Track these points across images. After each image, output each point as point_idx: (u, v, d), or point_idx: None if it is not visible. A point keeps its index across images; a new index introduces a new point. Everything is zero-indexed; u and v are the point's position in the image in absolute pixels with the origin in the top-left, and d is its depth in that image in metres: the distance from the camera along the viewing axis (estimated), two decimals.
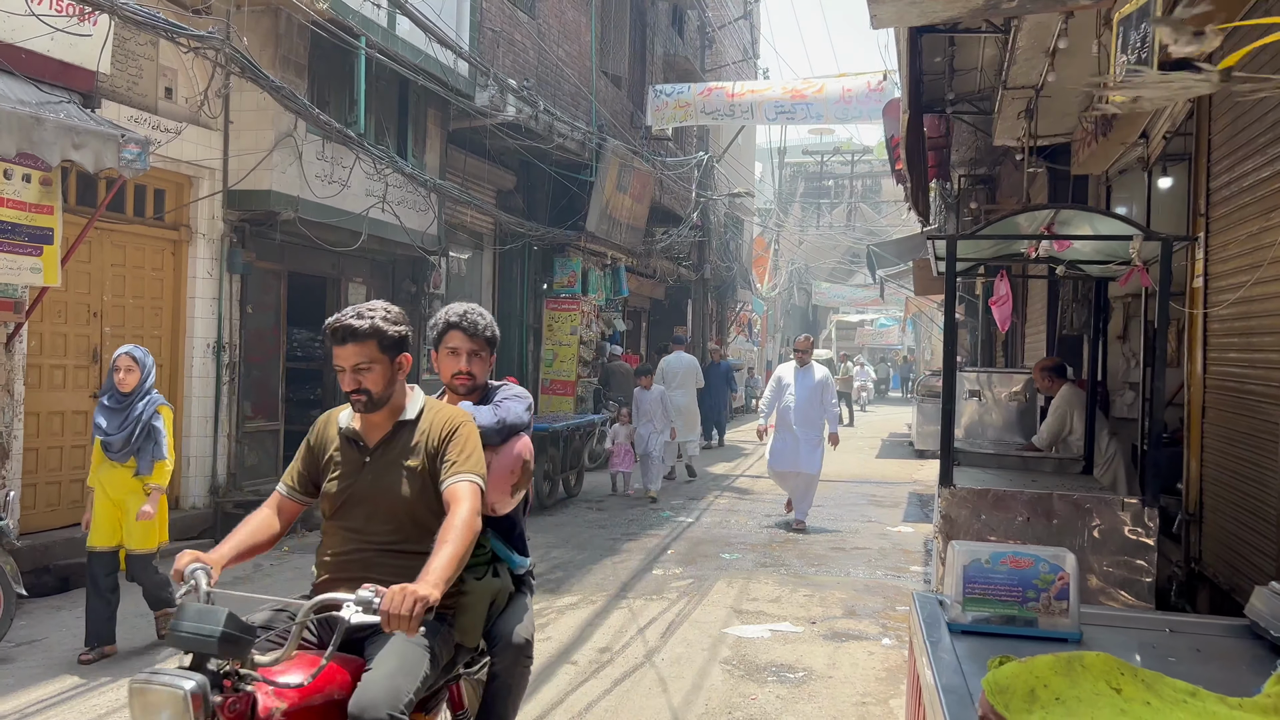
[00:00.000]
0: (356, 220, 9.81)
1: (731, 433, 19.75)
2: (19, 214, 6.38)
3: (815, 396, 9.91)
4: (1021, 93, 7.33)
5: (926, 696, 2.00)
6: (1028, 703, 1.66)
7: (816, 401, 9.91)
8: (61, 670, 5.26)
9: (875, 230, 33.99)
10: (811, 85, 16.72)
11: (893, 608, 6.93)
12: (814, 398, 9.90)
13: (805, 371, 10.09)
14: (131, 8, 6.54)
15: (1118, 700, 1.68)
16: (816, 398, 9.91)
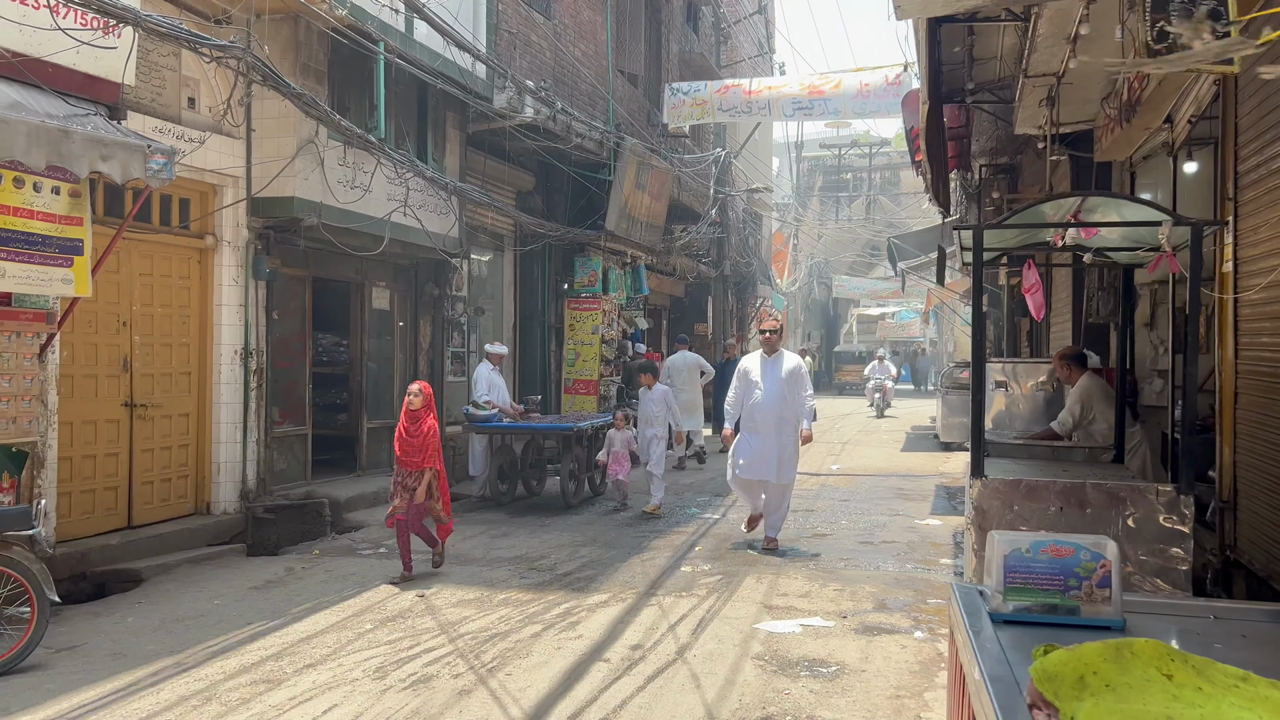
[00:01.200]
0: (379, 224, 9.87)
1: None
2: (49, 226, 6.46)
3: (788, 390, 8.51)
4: (1042, 80, 7.28)
5: (972, 686, 2.00)
6: (1077, 690, 1.66)
7: (790, 396, 8.52)
8: (100, 676, 5.32)
9: (895, 222, 33.84)
10: (829, 80, 16.66)
11: (924, 601, 6.90)
12: (787, 392, 8.51)
13: (774, 362, 8.65)
14: (154, 19, 6.61)
15: (1169, 686, 1.67)
16: (790, 391, 8.52)
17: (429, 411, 7.54)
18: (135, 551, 7.80)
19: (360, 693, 5.06)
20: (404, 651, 5.73)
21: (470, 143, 12.26)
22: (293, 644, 5.89)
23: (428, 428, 7.48)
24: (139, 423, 8.25)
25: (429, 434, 7.48)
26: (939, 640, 5.94)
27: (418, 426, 7.47)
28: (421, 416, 7.49)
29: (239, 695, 5.03)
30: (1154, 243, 5.06)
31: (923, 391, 37.57)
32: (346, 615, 6.53)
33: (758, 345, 8.99)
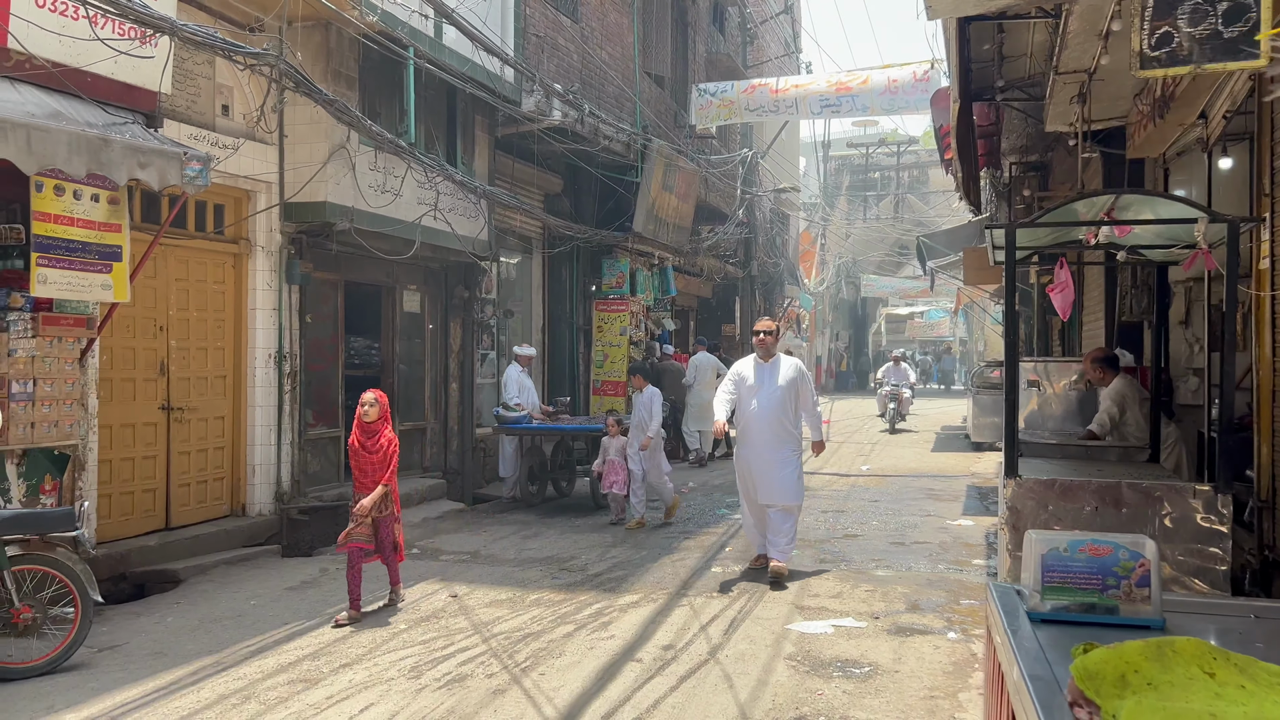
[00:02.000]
0: (410, 228, 9.96)
1: None
2: (89, 233, 6.57)
3: (787, 400, 7.54)
4: (1073, 77, 7.23)
5: (1011, 685, 2.01)
6: (1119, 688, 1.66)
7: (790, 407, 7.56)
8: (142, 675, 5.41)
9: (923, 221, 33.63)
10: (856, 77, 16.61)
11: (956, 601, 6.87)
12: (786, 401, 7.53)
13: (771, 368, 7.62)
14: (190, 28, 6.71)
15: (1211, 684, 1.67)
16: (789, 401, 7.55)
17: (385, 423, 6.74)
18: (173, 552, 7.92)
19: (396, 692, 5.11)
20: (438, 651, 5.79)
21: (499, 146, 12.34)
22: (328, 644, 5.96)
23: (386, 442, 6.63)
24: (176, 425, 8.38)
25: (389, 449, 6.63)
26: (973, 641, 5.91)
27: (375, 441, 6.62)
28: (378, 429, 6.66)
29: (277, 694, 5.10)
30: (1189, 240, 5.02)
31: (947, 391, 37.31)
32: (381, 615, 6.60)
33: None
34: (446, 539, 9.28)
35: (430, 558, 8.46)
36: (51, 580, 5.51)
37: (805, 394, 7.67)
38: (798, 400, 7.60)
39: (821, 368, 35.93)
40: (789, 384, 7.54)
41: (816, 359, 34.62)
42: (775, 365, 7.64)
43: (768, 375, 7.59)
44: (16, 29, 5.99)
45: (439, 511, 10.43)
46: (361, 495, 6.61)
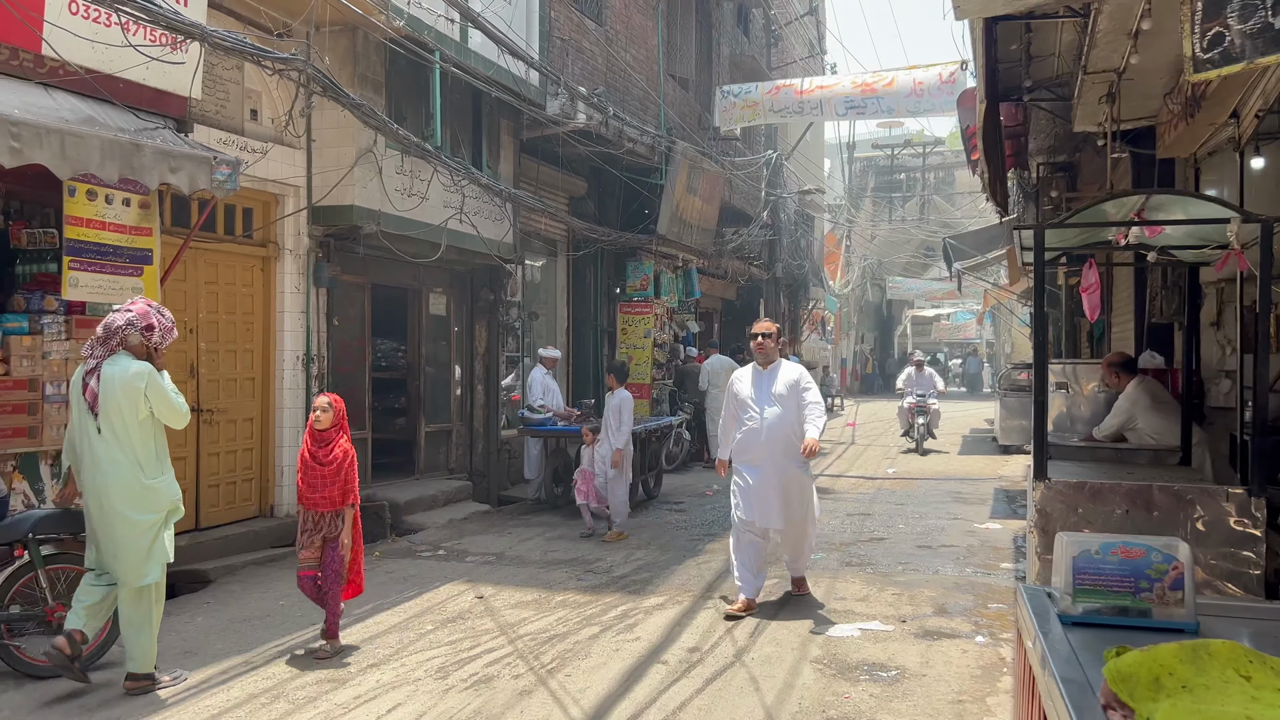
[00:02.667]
0: (435, 231, 10.01)
1: None
2: (121, 237, 6.66)
3: (791, 408, 6.68)
4: (1102, 77, 7.16)
5: (1043, 688, 1.99)
6: (1153, 691, 1.65)
7: (794, 416, 6.68)
8: (199, 663, 5.46)
9: (950, 222, 33.43)
10: (882, 79, 16.54)
11: (984, 605, 6.82)
12: (789, 411, 6.67)
13: (770, 375, 6.80)
14: (220, 34, 6.78)
15: (1248, 688, 1.65)
16: (793, 410, 6.68)
17: (341, 432, 5.84)
18: (203, 553, 8.00)
19: (423, 692, 5.14)
20: (465, 652, 5.81)
21: (524, 149, 12.38)
22: (356, 644, 6.00)
23: (340, 453, 5.76)
24: (205, 427, 8.46)
25: (344, 462, 5.76)
26: (1001, 645, 5.87)
27: (327, 451, 5.74)
28: (331, 438, 5.78)
29: (305, 694, 5.14)
30: (1221, 240, 4.96)
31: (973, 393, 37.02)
32: (408, 616, 6.64)
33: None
34: (472, 540, 9.32)
35: (456, 559, 8.50)
36: None
37: (809, 393, 6.75)
38: (802, 405, 6.67)
39: (846, 370, 35.79)
40: (791, 390, 6.67)
41: (842, 361, 34.49)
42: (775, 372, 6.79)
43: (766, 384, 6.74)
44: (51, 36, 6.08)
45: (465, 513, 10.47)
46: (312, 514, 5.74)
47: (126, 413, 5.05)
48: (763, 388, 6.77)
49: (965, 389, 39.57)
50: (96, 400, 5.06)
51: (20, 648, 5.36)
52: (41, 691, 5.17)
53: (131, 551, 5.07)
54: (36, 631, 5.41)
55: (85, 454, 5.09)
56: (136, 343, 5.18)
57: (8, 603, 5.31)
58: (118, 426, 5.05)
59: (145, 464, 5.12)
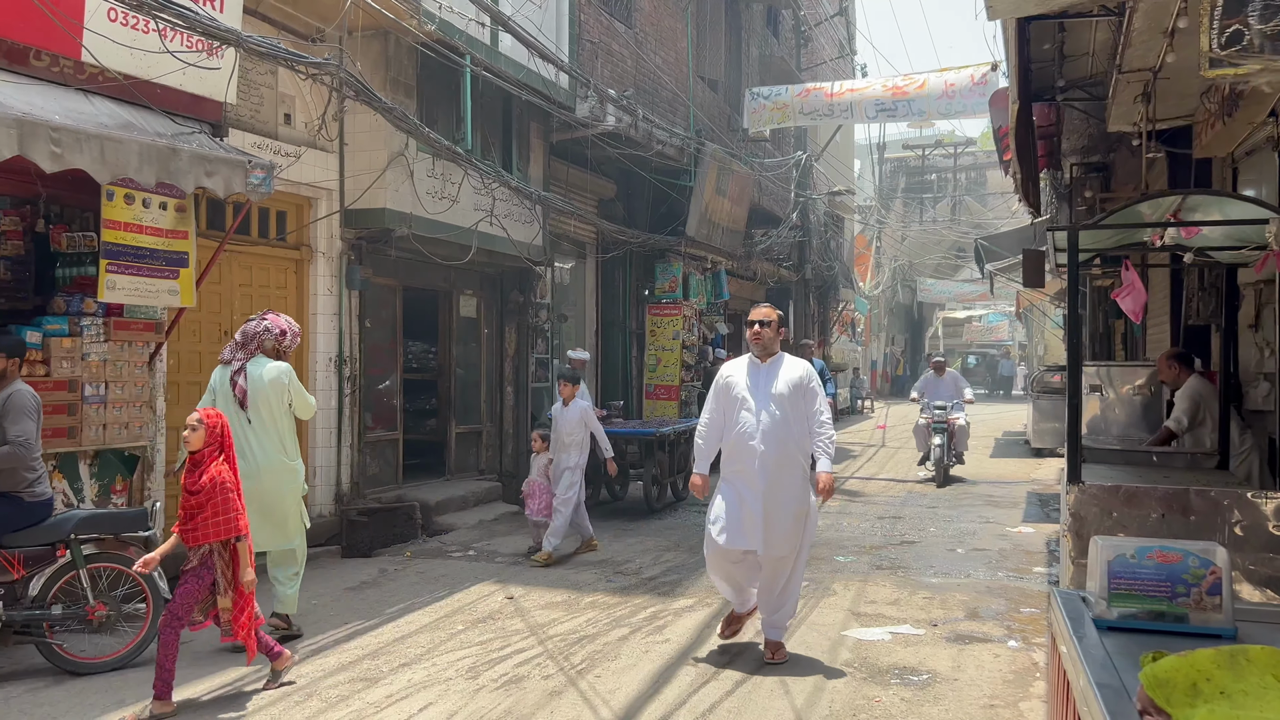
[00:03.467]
0: (466, 234, 10.07)
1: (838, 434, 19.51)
2: (157, 240, 6.76)
3: (791, 411, 5.58)
4: (1137, 76, 7.08)
5: (1078, 693, 1.97)
6: (1190, 696, 1.63)
7: (795, 420, 5.59)
8: (207, 671, 5.54)
9: (982, 223, 33.17)
10: (913, 81, 16.44)
11: (1017, 610, 6.76)
12: (790, 414, 5.58)
13: (769, 370, 5.70)
14: (255, 40, 6.87)
15: None
16: (794, 413, 5.59)
17: (214, 454, 4.97)
18: None
19: (454, 692, 5.17)
20: (495, 652, 5.84)
21: (553, 152, 12.43)
22: (388, 643, 6.05)
23: (209, 481, 4.87)
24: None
25: (214, 491, 4.86)
26: (1034, 650, 5.81)
27: (195, 478, 4.91)
28: (203, 461, 4.93)
29: (338, 692, 5.19)
30: (1259, 241, 4.90)
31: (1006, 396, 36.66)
32: (439, 616, 6.68)
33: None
34: (502, 541, 9.36)
35: (486, 559, 8.54)
36: (125, 579, 5.66)
37: (813, 402, 5.63)
38: (807, 410, 5.65)
39: (877, 372, 35.59)
40: (795, 391, 5.59)
41: (872, 363, 34.31)
42: (775, 367, 5.69)
43: (764, 380, 5.66)
44: (90, 43, 6.19)
45: (494, 514, 10.53)
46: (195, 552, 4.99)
47: (275, 404, 6.04)
48: (760, 385, 5.65)
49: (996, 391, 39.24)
50: (246, 396, 6.00)
51: (63, 645, 5.46)
52: (82, 686, 5.26)
53: (279, 520, 6.06)
54: (78, 629, 5.50)
55: (237, 443, 5.59)
56: (270, 346, 6.14)
57: (50, 601, 5.41)
58: (266, 417, 6.03)
59: (287, 448, 6.15)
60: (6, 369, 5.41)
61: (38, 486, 5.45)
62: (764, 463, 5.52)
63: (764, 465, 5.52)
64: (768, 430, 5.55)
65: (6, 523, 5.31)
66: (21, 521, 5.36)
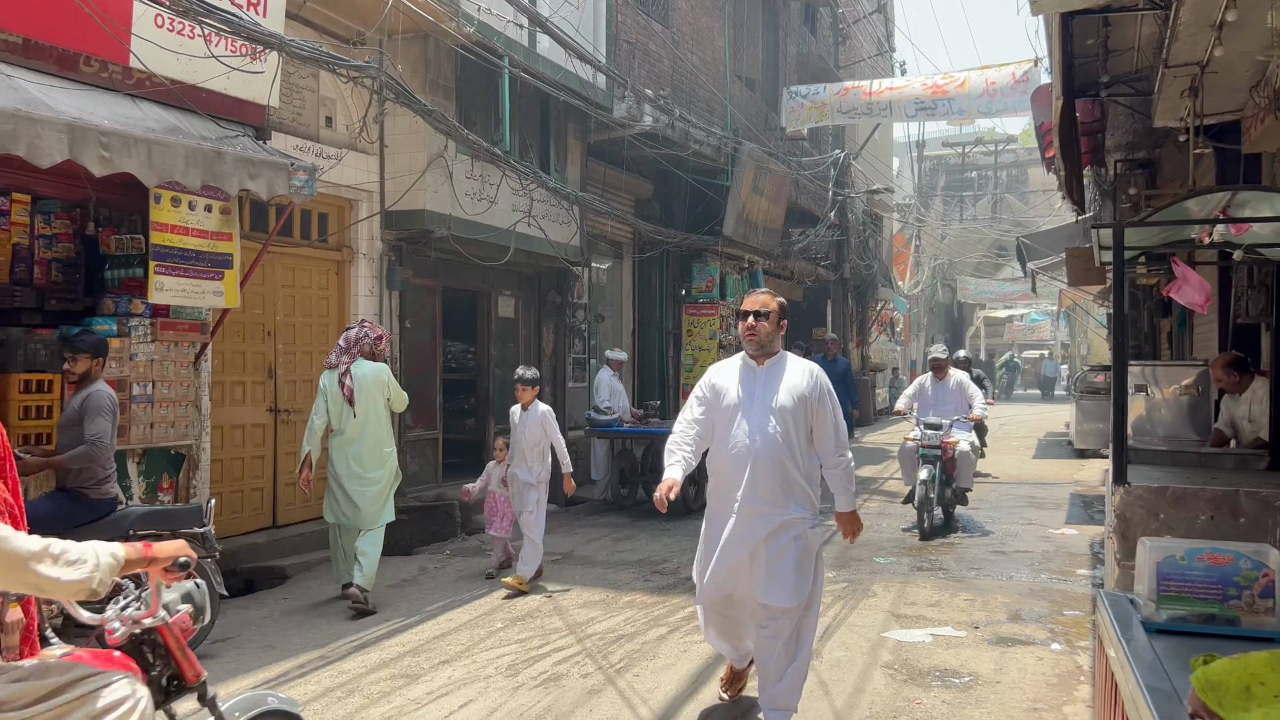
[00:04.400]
0: (504, 235, 10.13)
1: (875, 434, 19.38)
2: (203, 242, 6.87)
3: (795, 428, 4.43)
4: (1184, 70, 6.96)
5: (1126, 696, 1.95)
6: (1243, 700, 1.60)
7: (799, 441, 4.44)
8: (254, 666, 5.63)
9: (1023, 221, 32.74)
10: (953, 80, 16.28)
11: (1060, 612, 6.67)
12: (792, 432, 4.42)
13: (768, 375, 4.54)
14: (297, 44, 6.96)
15: None
16: (798, 430, 4.44)
17: None
18: (280, 550, 8.20)
19: (494, 689, 5.20)
20: (534, 650, 5.87)
21: (590, 152, 12.46)
22: (428, 640, 6.10)
23: None
24: (282, 427, 8.68)
25: None
26: (1078, 653, 5.74)
27: None
28: None
29: (379, 689, 5.24)
30: None
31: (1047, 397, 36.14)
32: (478, 614, 6.72)
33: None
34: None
35: None
36: None
37: (824, 422, 4.43)
38: (819, 429, 4.45)
39: (916, 372, 35.28)
40: (801, 405, 4.41)
41: (911, 363, 34.01)
42: (776, 370, 4.50)
43: (761, 387, 4.47)
44: (138, 49, 6.30)
45: None
46: None
47: (378, 400, 6.95)
48: (755, 393, 4.47)
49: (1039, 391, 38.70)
50: (353, 394, 6.88)
51: None
52: None
53: (375, 502, 6.95)
54: None
55: (343, 435, 6.91)
56: (369, 349, 7.05)
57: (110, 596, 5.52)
58: (370, 411, 6.91)
59: (385, 439, 7.07)
60: (91, 368, 5.63)
61: (105, 485, 5.60)
62: (758, 493, 4.36)
63: (759, 496, 4.36)
64: (764, 453, 4.36)
65: (70, 518, 5.44)
66: (85, 517, 5.50)
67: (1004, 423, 23.75)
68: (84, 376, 5.61)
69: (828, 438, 4.48)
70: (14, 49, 5.82)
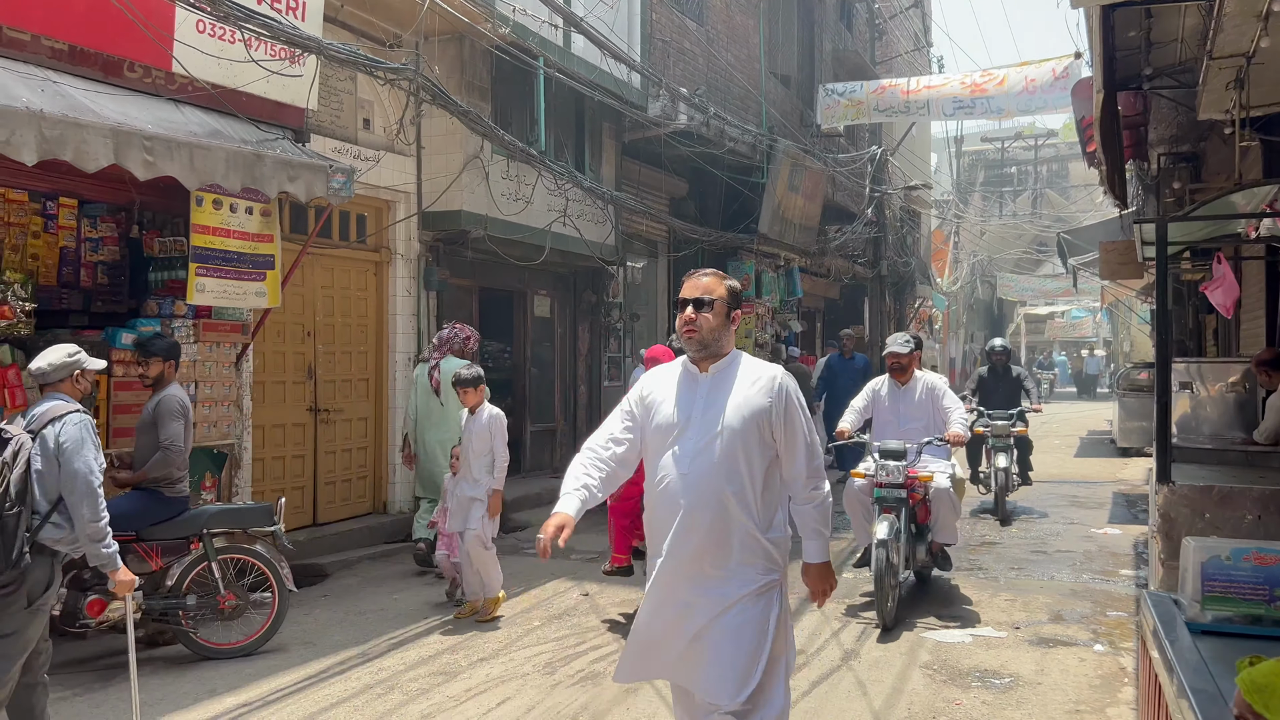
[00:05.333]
0: (540, 235, 10.17)
1: None
2: (244, 244, 6.96)
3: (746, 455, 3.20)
4: (1230, 62, 6.82)
5: (1171, 698, 1.92)
6: None
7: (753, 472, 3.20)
8: (295, 663, 5.69)
9: (1064, 217, 32.27)
10: (992, 78, 16.09)
11: (1103, 613, 6.58)
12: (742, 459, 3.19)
13: (713, 386, 3.30)
14: (335, 47, 7.04)
15: None
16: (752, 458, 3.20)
17: None
18: (320, 548, 8.30)
19: (531, 687, 5.23)
20: (571, 648, 5.89)
21: (625, 151, 12.48)
22: (466, 638, 6.14)
23: None
24: (322, 427, 8.78)
25: None
26: (1121, 654, 5.65)
27: None
28: None
29: (418, 685, 5.28)
30: None
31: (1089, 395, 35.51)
32: (515, 611, 6.76)
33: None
34: (576, 538, 9.31)
35: (561, 556, 8.59)
36: (251, 570, 5.91)
37: (793, 444, 3.25)
38: (773, 457, 3.26)
39: (955, 371, 34.92)
40: (751, 420, 3.21)
41: (950, 361, 33.67)
42: (724, 379, 3.30)
43: (703, 400, 3.27)
44: (180, 54, 6.40)
45: None
46: None
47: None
48: (694, 410, 3.26)
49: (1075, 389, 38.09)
50: (439, 386, 7.73)
51: (198, 633, 5.73)
52: (227, 670, 5.45)
53: None
54: (210, 617, 5.74)
55: (429, 421, 7.83)
56: (458, 348, 7.93)
57: (185, 592, 5.66)
58: (452, 401, 7.32)
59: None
60: (164, 372, 5.78)
61: (179, 485, 5.76)
62: (689, 547, 3.18)
63: (689, 552, 3.18)
64: (700, 492, 3.17)
65: (147, 516, 5.60)
66: (161, 515, 5.65)
67: (1045, 420, 23.43)
68: (158, 380, 5.78)
69: (797, 465, 3.24)
70: (60, 56, 5.94)
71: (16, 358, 6.01)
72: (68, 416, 4.11)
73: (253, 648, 5.81)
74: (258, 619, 5.90)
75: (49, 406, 4.17)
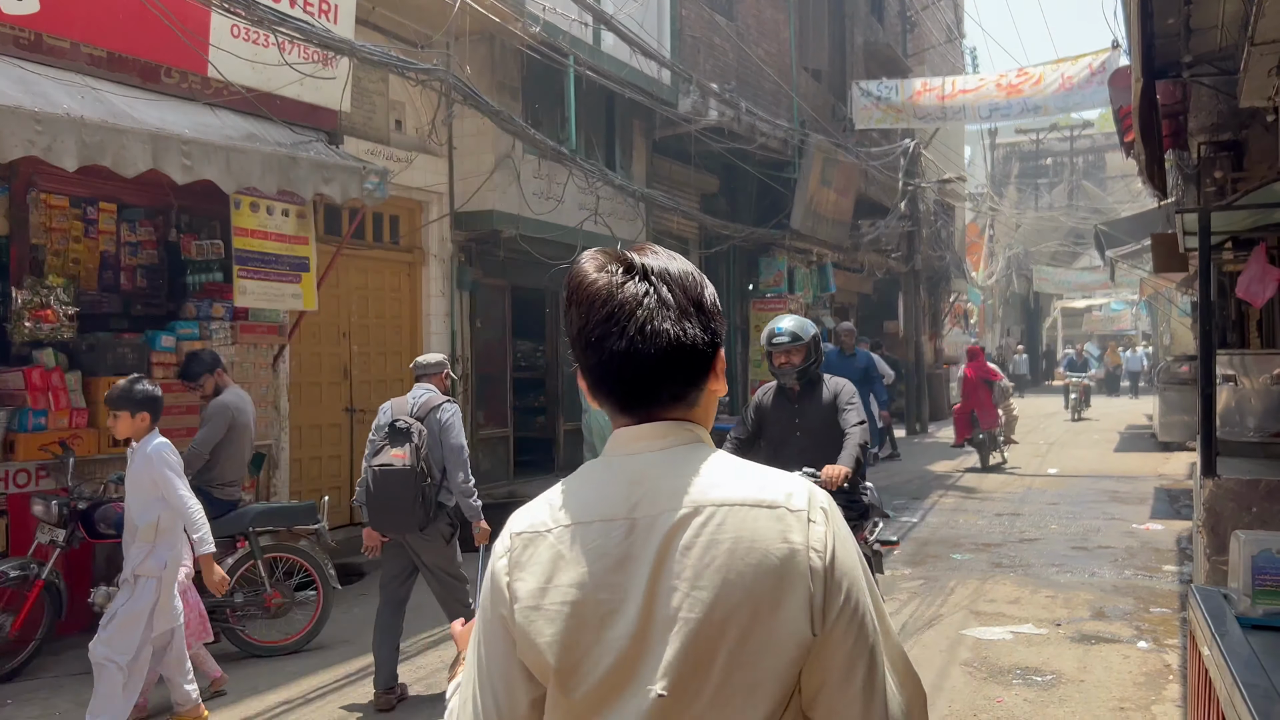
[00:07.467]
0: (571, 234, 10.18)
1: (948, 428, 18.99)
2: (280, 246, 7.04)
3: None
4: (1271, 48, 6.67)
5: (1223, 695, 1.88)
6: None
7: None
8: (333, 661, 5.75)
9: (1101, 209, 31.81)
10: (1027, 77, 15.88)
11: (1146, 609, 6.48)
12: None
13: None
14: (368, 49, 7.09)
15: None
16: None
17: None
18: (356, 547, 8.26)
19: None
20: None
21: (655, 148, 12.46)
22: None
23: None
24: (358, 427, 8.83)
25: None
26: (1166, 651, 5.56)
27: None
28: None
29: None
30: None
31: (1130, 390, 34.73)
32: None
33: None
34: None
35: None
36: (298, 568, 5.99)
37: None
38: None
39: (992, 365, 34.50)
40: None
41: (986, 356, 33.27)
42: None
43: None
44: (215, 59, 6.48)
45: None
46: None
47: None
48: None
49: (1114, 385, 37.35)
50: None
51: (245, 630, 5.81)
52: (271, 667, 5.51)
53: None
54: (257, 615, 5.80)
55: None
56: None
57: (232, 590, 5.73)
58: None
59: None
60: (216, 383, 5.94)
61: (228, 488, 5.88)
62: None
63: None
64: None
65: None
66: (208, 514, 5.70)
67: (1083, 415, 23.14)
68: (215, 391, 5.92)
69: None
70: (99, 62, 6.03)
71: (59, 361, 6.11)
72: (444, 405, 5.09)
73: (298, 645, 5.87)
74: (301, 617, 5.97)
75: (426, 397, 5.10)
